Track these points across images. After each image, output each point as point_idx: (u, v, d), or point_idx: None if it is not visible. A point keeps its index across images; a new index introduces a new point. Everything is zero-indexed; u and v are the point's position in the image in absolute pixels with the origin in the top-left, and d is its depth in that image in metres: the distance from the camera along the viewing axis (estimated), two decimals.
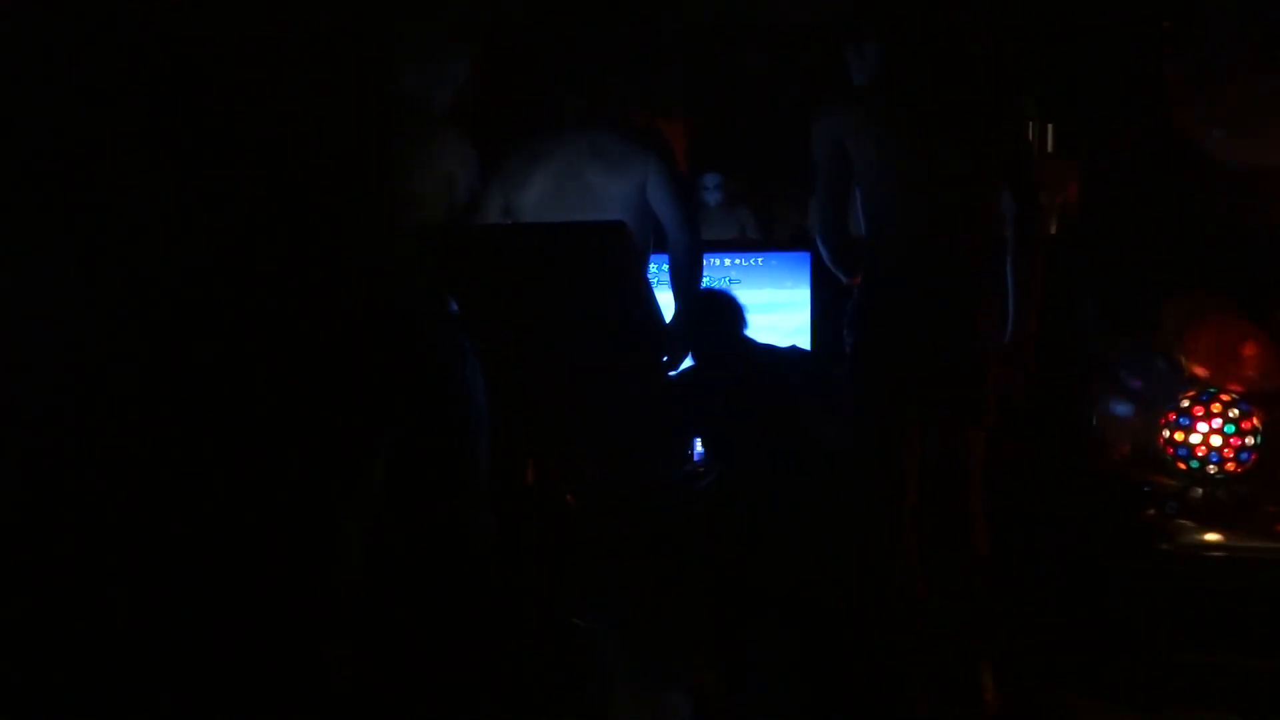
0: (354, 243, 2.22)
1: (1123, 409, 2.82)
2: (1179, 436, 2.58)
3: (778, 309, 3.00)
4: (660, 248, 2.52)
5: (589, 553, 2.22)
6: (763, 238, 4.32)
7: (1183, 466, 2.58)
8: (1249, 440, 2.54)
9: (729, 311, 2.51)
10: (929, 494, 2.19)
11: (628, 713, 2.10)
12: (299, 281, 2.18)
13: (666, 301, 2.47)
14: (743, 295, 2.81)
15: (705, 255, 2.55)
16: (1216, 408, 2.55)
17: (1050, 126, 3.73)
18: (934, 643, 2.18)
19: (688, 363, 2.48)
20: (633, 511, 2.13)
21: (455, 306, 2.19)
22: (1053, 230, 3.33)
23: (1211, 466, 2.55)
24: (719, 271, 3.04)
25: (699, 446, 2.65)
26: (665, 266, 2.55)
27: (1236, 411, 2.54)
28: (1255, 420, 2.55)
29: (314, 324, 2.18)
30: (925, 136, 2.13)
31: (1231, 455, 2.53)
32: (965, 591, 2.18)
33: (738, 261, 3.06)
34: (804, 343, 2.93)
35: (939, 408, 2.17)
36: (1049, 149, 3.91)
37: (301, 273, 2.18)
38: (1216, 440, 2.54)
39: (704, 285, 2.54)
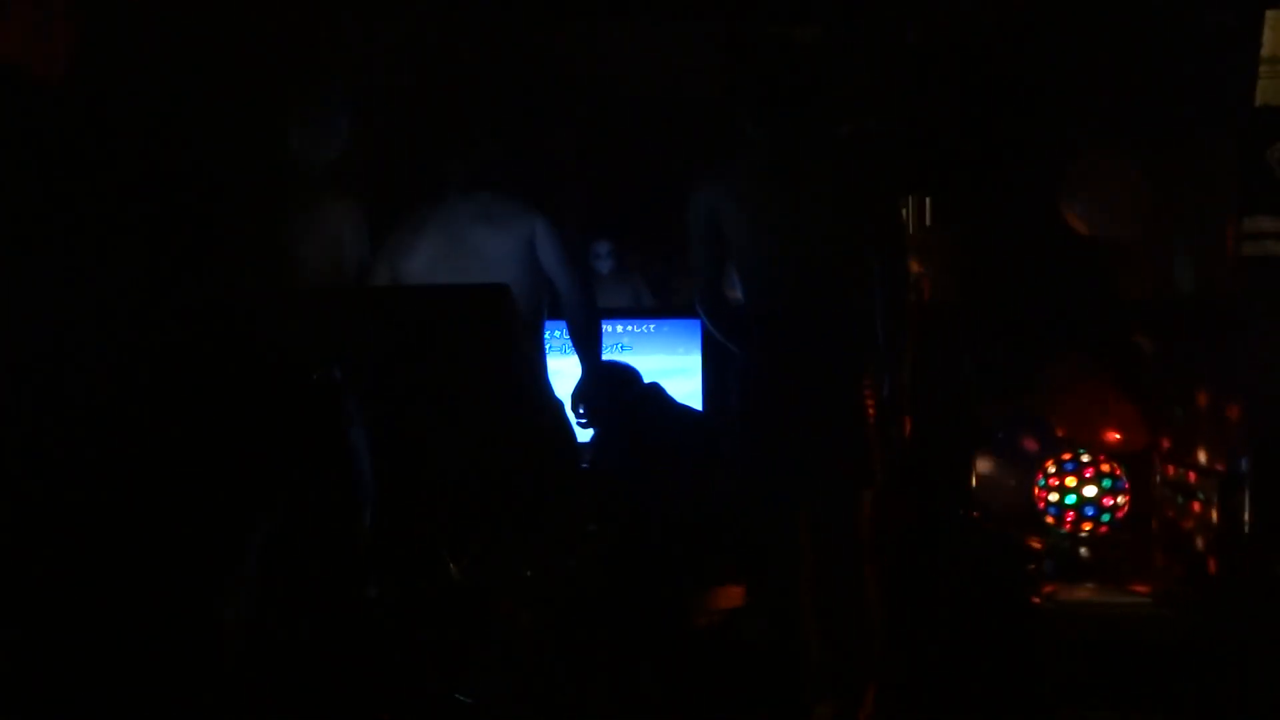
0: (235, 306, 2.18)
1: (998, 469, 2.91)
2: (1051, 495, 2.67)
3: (670, 375, 3.03)
4: (555, 314, 2.54)
5: (475, 624, 2.18)
6: (655, 305, 4.37)
7: (1055, 523, 2.66)
8: (1117, 499, 2.64)
9: (626, 380, 2.54)
10: (820, 552, 2.23)
11: None
12: (173, 347, 2.13)
13: (568, 367, 2.48)
14: (635, 361, 2.85)
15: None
16: (1086, 468, 2.65)
17: (928, 200, 3.88)
18: (827, 700, 2.21)
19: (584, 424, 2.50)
20: (522, 579, 2.11)
21: (339, 373, 2.16)
22: (929, 298, 3.46)
23: (1084, 526, 2.64)
24: (611, 338, 3.06)
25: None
26: (561, 333, 2.57)
27: (1106, 472, 2.65)
28: (1124, 480, 2.65)
29: (191, 392, 2.12)
30: (794, 206, 2.21)
31: (1100, 513, 2.63)
32: (859, 648, 2.21)
33: (630, 328, 3.10)
34: (696, 407, 2.97)
35: (825, 467, 2.22)
36: (927, 221, 4.08)
37: (176, 338, 2.13)
38: (1088, 500, 2.63)
39: (603, 357, 2.56)
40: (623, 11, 3.94)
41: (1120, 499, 2.64)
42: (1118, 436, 2.78)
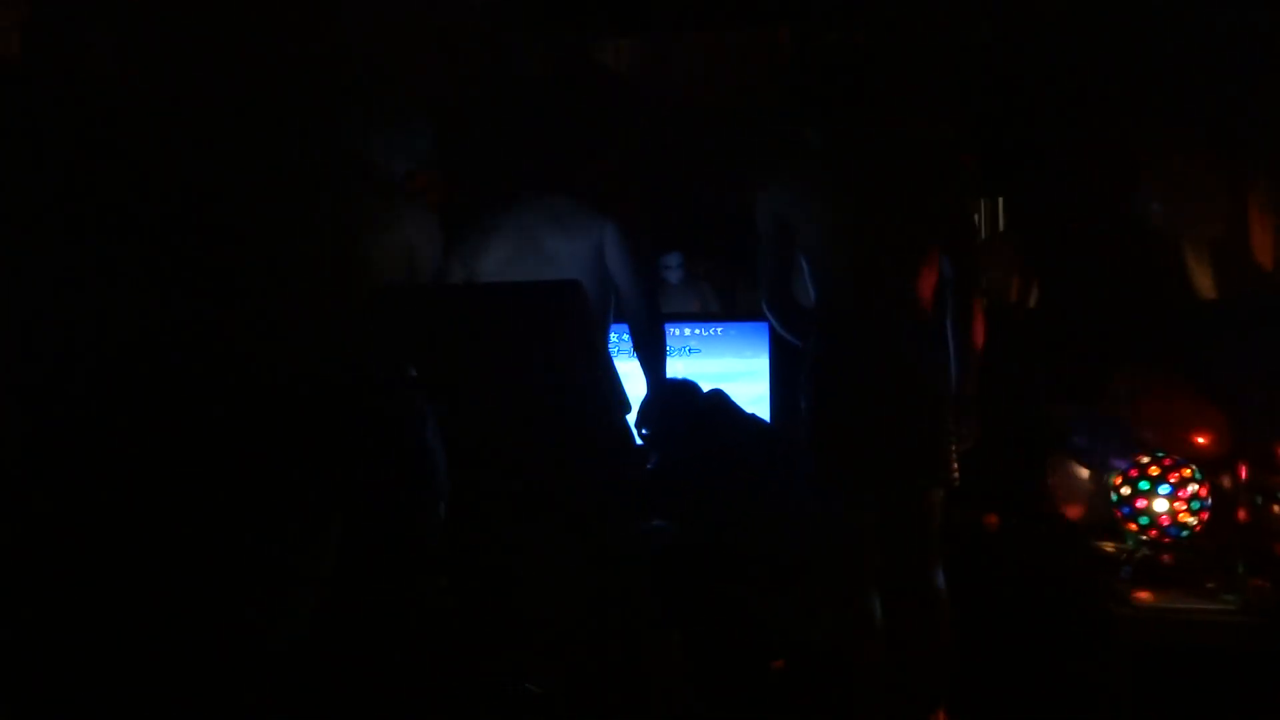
0: (312, 310, 2.24)
1: (1074, 474, 2.86)
2: (1129, 500, 2.61)
3: (738, 378, 3.04)
4: (621, 318, 2.57)
5: (544, 616, 2.21)
6: (723, 312, 4.39)
7: (1133, 529, 2.61)
8: (1197, 505, 2.58)
9: (686, 394, 2.56)
10: (890, 555, 2.22)
11: None
12: (255, 352, 2.20)
13: (631, 372, 2.50)
14: (702, 365, 2.87)
15: (665, 325, 2.60)
16: (1166, 472, 2.59)
17: (1001, 203, 3.84)
18: (896, 704, 2.19)
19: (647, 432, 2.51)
20: (591, 573, 2.13)
21: (414, 370, 2.21)
22: (1003, 301, 3.42)
23: (1160, 532, 2.58)
24: (678, 341, 3.09)
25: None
26: (626, 336, 2.59)
27: (1186, 476, 2.59)
28: (1203, 485, 2.59)
29: (269, 394, 2.19)
30: (864, 207, 2.21)
31: (1180, 520, 2.57)
32: (928, 653, 2.19)
33: (697, 331, 3.12)
34: (763, 412, 2.97)
35: (897, 469, 2.21)
36: (1000, 226, 4.03)
37: (258, 342, 2.20)
38: (1166, 505, 2.58)
39: (666, 364, 2.57)
40: (687, 22, 3.98)
41: (1201, 503, 2.58)
42: (1198, 439, 2.72)
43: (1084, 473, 2.84)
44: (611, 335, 2.63)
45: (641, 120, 4.01)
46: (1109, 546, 2.68)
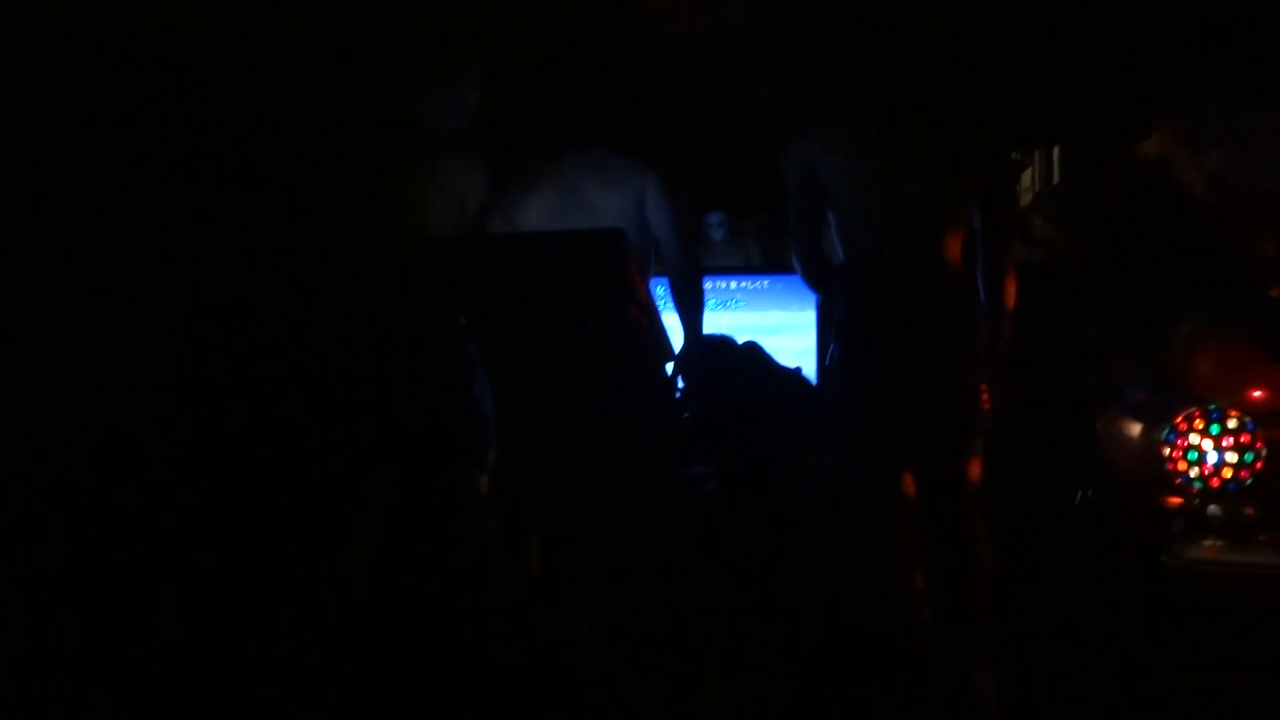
0: (364, 262, 2.27)
1: (1127, 427, 2.83)
2: (1181, 453, 2.58)
3: (783, 331, 3.04)
4: (660, 271, 2.57)
5: (589, 561, 2.25)
6: (768, 267, 4.38)
7: (1186, 483, 2.58)
8: (1251, 458, 2.54)
9: (721, 347, 2.57)
10: (929, 509, 2.21)
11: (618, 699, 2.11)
12: (308, 299, 2.23)
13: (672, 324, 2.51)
14: (747, 318, 2.87)
15: (711, 278, 2.60)
16: (1220, 425, 2.56)
17: (1056, 151, 3.77)
18: (937, 658, 2.19)
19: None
20: (636, 518, 2.16)
21: (463, 319, 2.24)
22: (1055, 254, 3.37)
23: (1214, 483, 2.55)
24: (724, 295, 3.08)
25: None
26: (666, 289, 2.60)
27: (1239, 428, 2.55)
28: (1257, 438, 2.55)
29: (322, 342, 2.23)
30: (894, 157, 2.19)
31: (1234, 473, 2.54)
32: (969, 606, 2.19)
33: (743, 284, 3.11)
34: (809, 365, 2.96)
35: (932, 422, 2.20)
36: (1055, 177, 3.96)
37: (311, 291, 2.23)
38: (1219, 457, 2.54)
39: (704, 319, 2.58)
40: None
41: (1253, 455, 2.54)
42: (1253, 393, 2.68)
43: (1137, 426, 2.81)
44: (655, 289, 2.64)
45: (686, 75, 3.98)
46: (1163, 501, 2.66)
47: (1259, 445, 2.55)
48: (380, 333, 2.19)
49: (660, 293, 2.70)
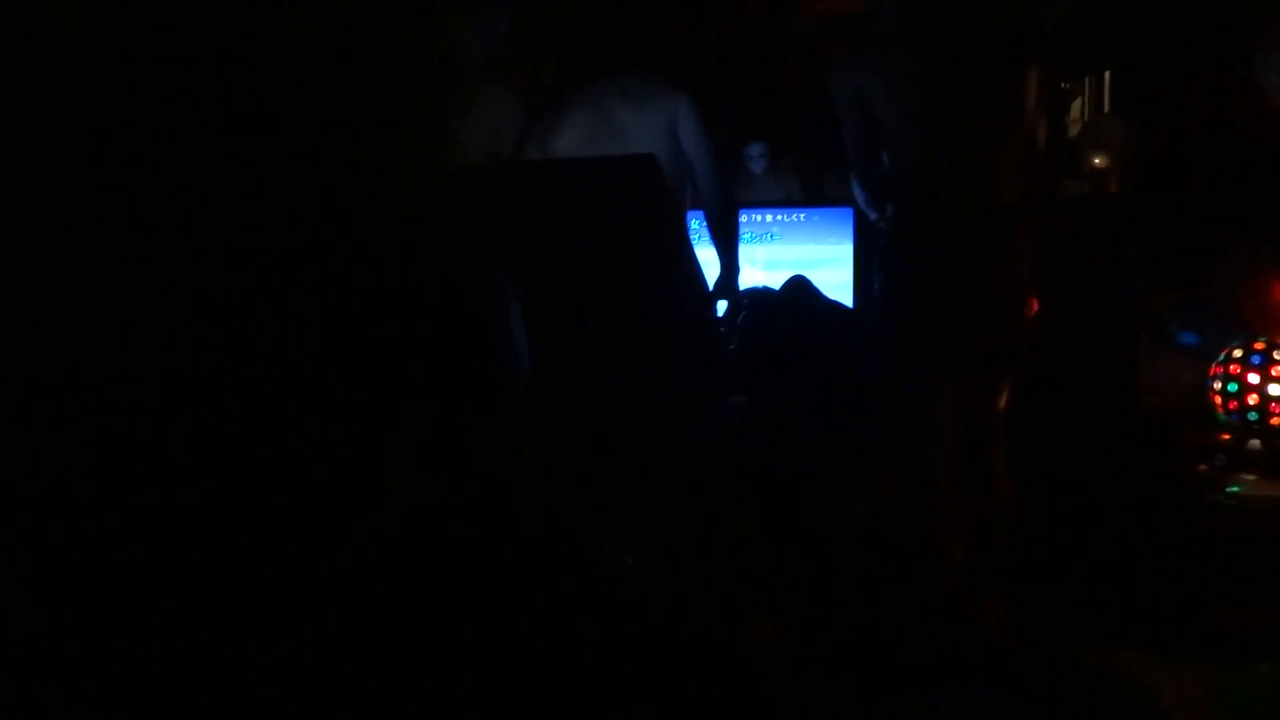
0: (392, 195, 2.26)
1: (1171, 362, 2.77)
2: (1229, 388, 2.53)
3: (821, 265, 3.00)
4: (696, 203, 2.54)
5: (629, 495, 2.25)
6: (807, 200, 4.31)
7: (1232, 418, 2.53)
8: None
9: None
10: (957, 436, 2.20)
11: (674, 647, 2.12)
12: (335, 235, 2.23)
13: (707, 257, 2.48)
14: (783, 251, 2.83)
15: (746, 211, 2.56)
16: (1264, 359, 2.50)
17: (1106, 78, 3.66)
18: (951, 585, 2.19)
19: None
20: (675, 450, 2.15)
21: (494, 250, 2.23)
22: (1103, 185, 3.29)
23: (1261, 418, 2.50)
24: (760, 228, 3.04)
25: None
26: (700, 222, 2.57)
27: None
28: None
29: (353, 278, 2.23)
30: (933, 84, 2.13)
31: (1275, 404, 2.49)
32: (984, 536, 2.19)
33: (780, 217, 3.07)
34: (846, 298, 2.93)
35: (969, 352, 2.17)
36: (1105, 106, 3.85)
37: (341, 226, 2.23)
38: (1268, 391, 2.49)
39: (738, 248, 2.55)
40: None
41: None
42: None
43: (1183, 361, 2.75)
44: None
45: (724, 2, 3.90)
46: (1208, 436, 2.61)
47: None
48: (409, 265, 2.19)
49: (695, 225, 2.67)
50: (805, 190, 4.51)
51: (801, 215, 3.07)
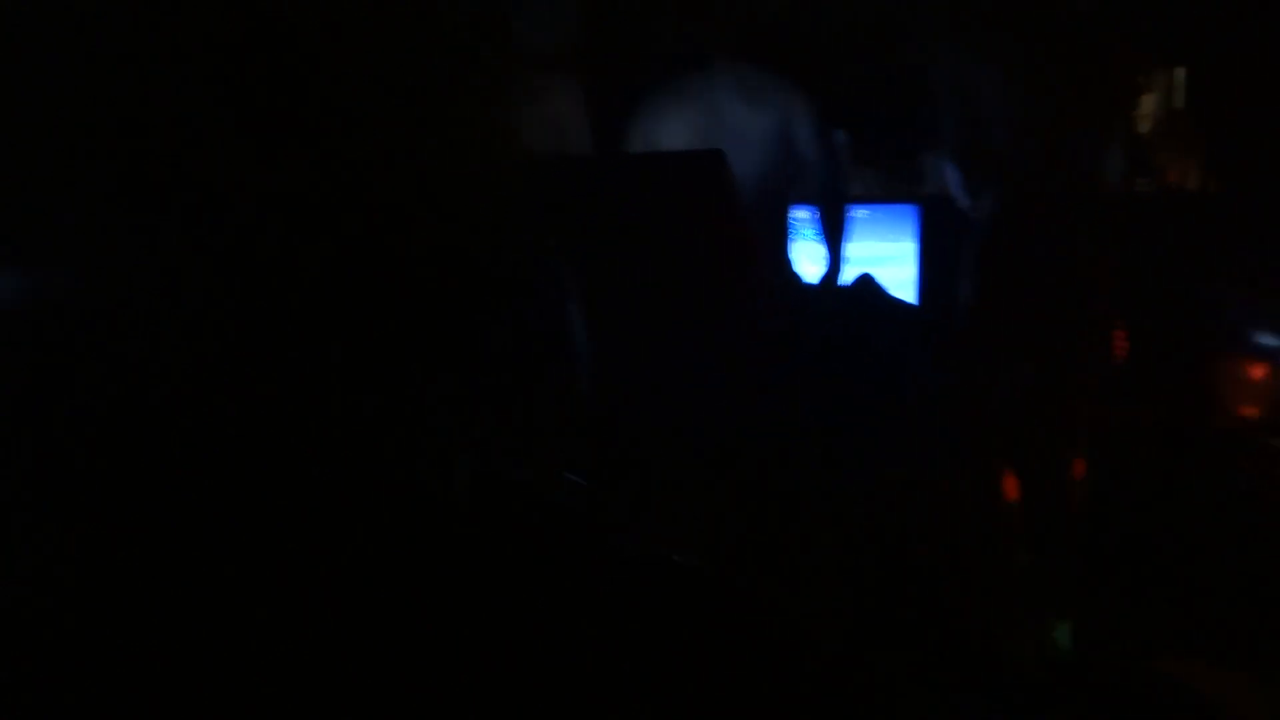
0: (453, 186, 2.26)
1: (1250, 367, 2.69)
2: None
3: (882, 262, 2.95)
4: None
5: (688, 489, 2.23)
6: (868, 191, 4.24)
7: None
8: None
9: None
10: (1033, 442, 2.15)
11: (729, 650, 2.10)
12: (395, 225, 2.23)
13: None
14: (847, 248, 2.77)
15: (810, 207, 2.53)
16: None
17: (1182, 74, 3.56)
18: (1017, 589, 2.15)
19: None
20: (735, 443, 2.13)
21: (554, 242, 2.21)
22: (1173, 184, 3.20)
23: None
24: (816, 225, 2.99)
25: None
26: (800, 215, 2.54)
27: None
28: None
29: (416, 268, 2.23)
30: (1046, 70, 2.09)
31: None
32: (1057, 544, 2.14)
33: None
34: (909, 296, 2.88)
35: (1046, 349, 2.13)
36: (1178, 102, 3.75)
37: (399, 216, 2.23)
38: None
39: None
40: None
41: None
42: None
43: (1261, 366, 2.67)
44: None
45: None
46: None
47: None
48: (470, 256, 2.18)
49: (801, 216, 2.63)
50: (887, 181, 4.44)
51: (864, 211, 3.02)
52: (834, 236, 2.45)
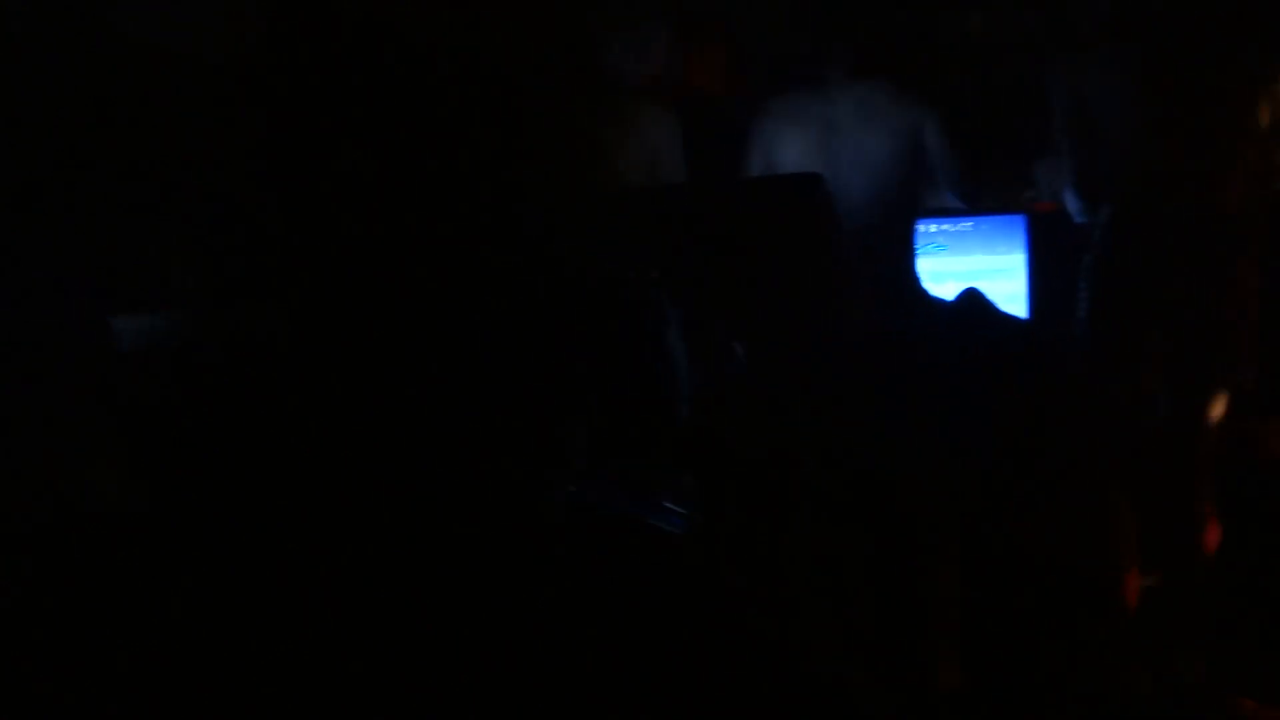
0: (554, 217, 2.29)
1: None
2: None
3: (990, 276, 2.87)
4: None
5: (793, 515, 2.20)
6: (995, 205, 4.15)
7: None
8: None
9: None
10: (1161, 455, 2.07)
11: (840, 681, 2.07)
12: (502, 257, 2.27)
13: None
14: (951, 263, 2.73)
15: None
16: None
17: None
18: (1146, 619, 2.05)
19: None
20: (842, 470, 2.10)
21: (655, 272, 2.23)
22: None
23: None
24: (923, 239, 2.94)
25: None
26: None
27: None
28: None
29: (517, 298, 2.26)
30: (1170, 83, 2.01)
31: None
32: (1185, 566, 2.04)
33: (945, 227, 2.96)
34: (1019, 310, 2.81)
35: (1184, 365, 2.04)
36: None
37: (504, 247, 2.27)
38: None
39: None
40: None
41: None
42: None
43: None
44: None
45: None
46: None
47: None
48: (571, 287, 2.21)
49: (930, 230, 2.59)
50: (1005, 195, 4.34)
51: (969, 224, 2.95)
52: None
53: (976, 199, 2.39)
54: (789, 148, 2.36)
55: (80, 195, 2.03)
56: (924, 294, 2.51)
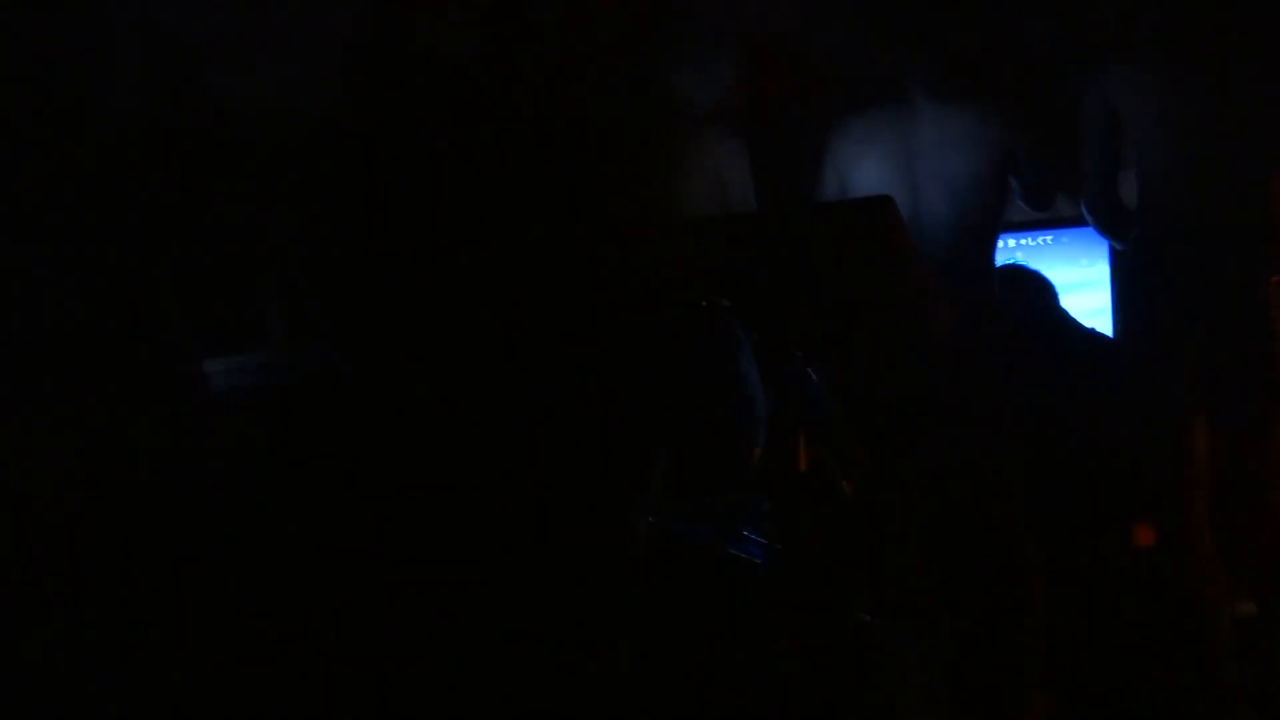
0: (624, 248, 2.31)
1: None
2: None
3: (1072, 290, 2.82)
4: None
5: (873, 543, 2.18)
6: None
7: None
8: None
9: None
10: (1230, 485, 2.01)
11: (921, 714, 2.04)
12: (579, 290, 2.29)
13: None
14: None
15: None
16: None
17: None
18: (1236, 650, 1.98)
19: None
20: (912, 496, 2.08)
21: (726, 300, 2.23)
22: None
23: None
24: (1001, 254, 2.90)
25: None
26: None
27: None
28: None
29: (591, 327, 2.28)
30: (1209, 96, 1.96)
31: None
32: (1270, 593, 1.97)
33: (1024, 241, 2.91)
34: (1104, 325, 2.75)
35: (1239, 384, 1.98)
36: None
37: (580, 280, 2.29)
38: None
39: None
40: None
41: None
42: None
43: None
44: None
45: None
46: None
47: None
48: (644, 317, 2.22)
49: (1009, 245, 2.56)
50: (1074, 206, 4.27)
51: (1048, 237, 2.91)
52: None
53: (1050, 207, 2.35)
54: (867, 171, 2.33)
55: (174, 242, 2.11)
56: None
